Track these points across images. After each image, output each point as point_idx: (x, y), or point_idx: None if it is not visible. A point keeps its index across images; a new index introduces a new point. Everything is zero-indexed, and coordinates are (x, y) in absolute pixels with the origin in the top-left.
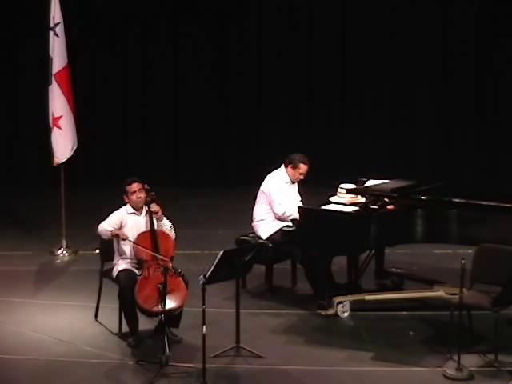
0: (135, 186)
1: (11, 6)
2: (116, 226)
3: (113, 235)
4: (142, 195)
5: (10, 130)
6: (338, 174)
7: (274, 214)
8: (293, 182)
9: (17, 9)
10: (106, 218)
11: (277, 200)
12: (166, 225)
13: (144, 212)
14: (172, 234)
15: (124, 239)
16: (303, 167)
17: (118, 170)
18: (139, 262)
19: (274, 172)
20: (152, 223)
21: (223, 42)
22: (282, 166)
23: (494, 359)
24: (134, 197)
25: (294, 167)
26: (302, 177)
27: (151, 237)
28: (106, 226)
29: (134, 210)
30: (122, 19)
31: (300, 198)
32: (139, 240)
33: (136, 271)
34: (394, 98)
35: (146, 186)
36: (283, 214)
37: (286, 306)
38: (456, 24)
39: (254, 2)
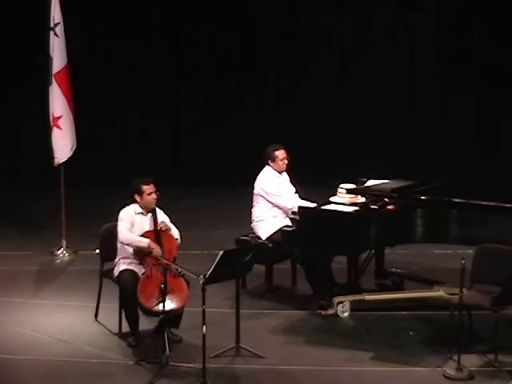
0: (151, 188)
1: (11, 5)
2: (130, 227)
3: (149, 248)
4: (156, 196)
5: (10, 130)
6: (338, 174)
7: (283, 208)
8: (281, 173)
9: (17, 9)
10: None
11: (280, 195)
12: (174, 233)
13: (150, 215)
14: (178, 240)
15: (157, 256)
16: (280, 153)
17: (118, 171)
18: (140, 261)
19: (260, 174)
20: (156, 223)
21: (223, 40)
22: (266, 166)
23: (494, 359)
24: (150, 197)
25: (273, 159)
26: (285, 161)
27: (155, 236)
28: (133, 235)
29: (141, 210)
30: (121, 18)
31: (294, 189)
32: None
33: (137, 270)
34: (394, 97)
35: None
36: (293, 206)
37: (286, 306)
38: (456, 22)
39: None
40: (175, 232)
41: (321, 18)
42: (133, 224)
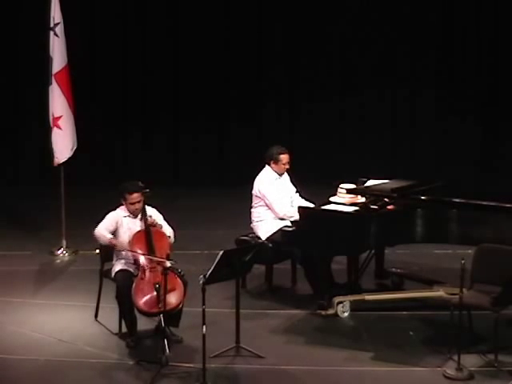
0: (135, 197)
1: (11, 5)
2: (112, 228)
3: (111, 244)
4: (140, 205)
5: (10, 130)
6: (338, 174)
7: (276, 214)
8: (281, 175)
9: (17, 9)
10: (103, 218)
11: (275, 200)
12: (166, 230)
13: (140, 215)
14: (171, 238)
15: (121, 250)
16: (284, 157)
17: (118, 170)
18: (136, 262)
19: (260, 174)
20: (146, 222)
21: (224, 40)
22: (266, 165)
23: (494, 359)
24: (132, 207)
25: (276, 161)
26: (287, 166)
27: (146, 236)
28: (104, 232)
29: (128, 214)
30: (122, 18)
31: (295, 189)
32: (134, 239)
33: (132, 271)
34: (394, 97)
35: (140, 183)
36: (284, 214)
37: (286, 306)
38: (456, 19)
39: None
40: (168, 230)
41: (323, 28)
42: (119, 226)
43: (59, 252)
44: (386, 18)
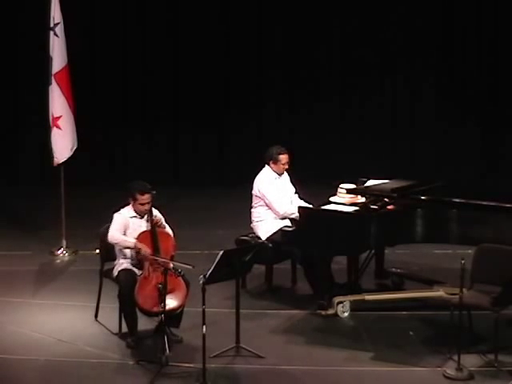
0: (146, 198)
1: (11, 5)
2: (122, 231)
3: (136, 248)
4: (149, 206)
5: (9, 130)
6: (338, 174)
7: (276, 213)
8: (280, 175)
9: (17, 9)
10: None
11: (274, 199)
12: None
13: (146, 216)
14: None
15: (146, 255)
16: (283, 157)
17: (118, 170)
18: (140, 262)
19: (260, 174)
20: (152, 222)
21: (224, 40)
22: (266, 165)
23: (494, 359)
24: (142, 207)
25: (275, 161)
26: (286, 166)
27: (151, 236)
28: (121, 235)
29: (135, 214)
30: (122, 18)
31: (294, 189)
32: (139, 239)
33: (136, 270)
34: (394, 97)
35: (148, 184)
36: (285, 212)
37: (286, 306)
38: (456, 19)
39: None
40: (169, 232)
41: (323, 28)
42: (126, 227)
43: (59, 252)
44: (386, 18)
